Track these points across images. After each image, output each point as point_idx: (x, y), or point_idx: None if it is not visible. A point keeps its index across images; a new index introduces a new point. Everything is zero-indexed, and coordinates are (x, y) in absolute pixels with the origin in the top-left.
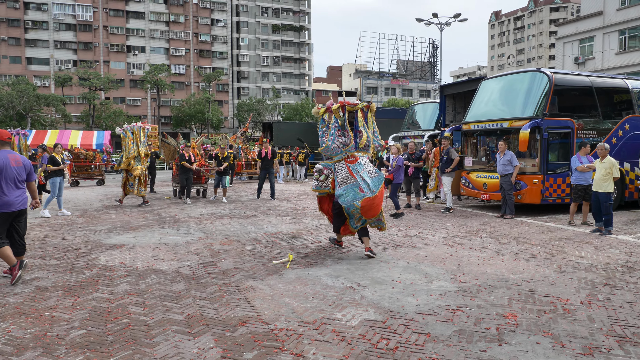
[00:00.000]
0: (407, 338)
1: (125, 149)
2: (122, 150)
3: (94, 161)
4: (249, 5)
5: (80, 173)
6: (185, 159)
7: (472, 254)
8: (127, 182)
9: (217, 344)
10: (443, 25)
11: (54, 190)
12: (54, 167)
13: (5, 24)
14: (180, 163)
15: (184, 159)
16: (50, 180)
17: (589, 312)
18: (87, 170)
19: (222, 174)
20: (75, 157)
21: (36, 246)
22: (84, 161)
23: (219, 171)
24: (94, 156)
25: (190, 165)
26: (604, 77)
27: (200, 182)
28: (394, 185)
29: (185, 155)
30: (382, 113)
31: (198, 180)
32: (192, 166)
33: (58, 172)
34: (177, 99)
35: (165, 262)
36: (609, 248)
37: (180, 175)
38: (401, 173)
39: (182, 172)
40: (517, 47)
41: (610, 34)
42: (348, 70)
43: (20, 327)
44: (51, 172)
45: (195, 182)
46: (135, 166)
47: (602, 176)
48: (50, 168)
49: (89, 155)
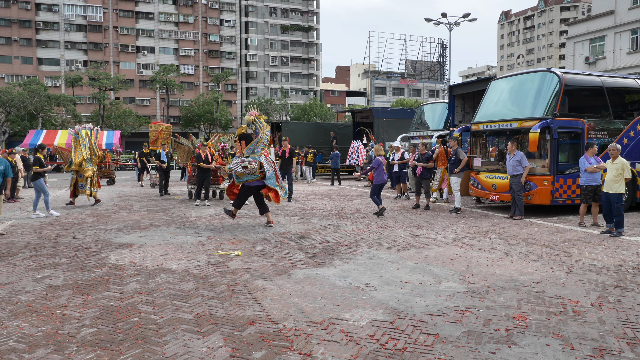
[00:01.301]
0: (415, 339)
1: (77, 150)
2: (71, 152)
3: (104, 161)
4: (258, 6)
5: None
6: (202, 159)
7: (481, 255)
8: (77, 183)
9: (226, 343)
10: (452, 25)
11: (39, 192)
12: (40, 168)
13: (17, 24)
14: (197, 164)
15: (200, 159)
16: (36, 182)
17: (600, 314)
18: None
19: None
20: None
21: (47, 245)
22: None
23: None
24: (104, 155)
25: (208, 165)
26: (615, 77)
27: (217, 183)
28: (375, 186)
29: (201, 155)
30: (391, 113)
31: (215, 181)
32: (211, 165)
33: (42, 173)
34: (186, 99)
35: (174, 262)
36: (620, 250)
37: (197, 177)
38: (382, 174)
39: (199, 173)
40: (527, 47)
41: (622, 34)
42: (356, 71)
43: (32, 324)
44: (35, 173)
45: (212, 182)
46: (86, 167)
47: (614, 177)
48: (36, 169)
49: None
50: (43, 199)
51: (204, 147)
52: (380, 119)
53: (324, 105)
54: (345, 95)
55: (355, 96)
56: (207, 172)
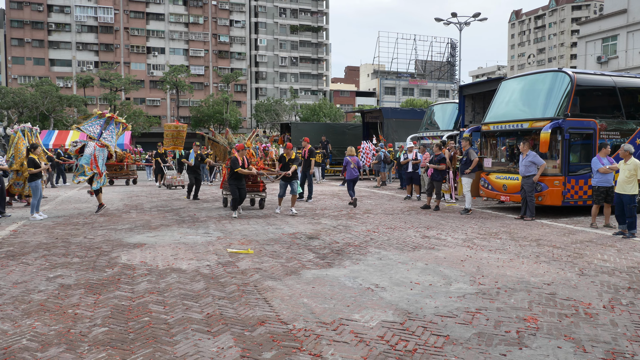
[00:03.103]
0: (425, 340)
1: (16, 149)
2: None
3: (122, 161)
4: (267, 6)
5: (111, 172)
6: (239, 165)
7: (492, 256)
8: (15, 182)
9: (236, 343)
10: (462, 25)
11: (36, 193)
12: (35, 169)
13: (30, 26)
14: (234, 170)
15: (237, 164)
16: (32, 183)
17: (612, 317)
18: (117, 169)
19: (290, 179)
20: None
21: (59, 244)
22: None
23: (287, 176)
24: (123, 156)
25: (247, 171)
26: (628, 77)
27: (258, 190)
28: (348, 181)
29: (238, 160)
30: (400, 113)
31: (254, 187)
32: (252, 170)
33: (38, 174)
34: (196, 100)
35: (184, 262)
36: (633, 251)
37: (230, 183)
38: (350, 171)
39: (233, 179)
40: (538, 47)
41: (635, 33)
42: (366, 71)
43: (44, 323)
44: (31, 174)
45: (251, 189)
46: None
47: (626, 178)
48: (31, 171)
49: (119, 154)
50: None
51: (244, 150)
52: (390, 119)
53: (334, 105)
54: (354, 95)
55: (365, 96)
56: (242, 179)
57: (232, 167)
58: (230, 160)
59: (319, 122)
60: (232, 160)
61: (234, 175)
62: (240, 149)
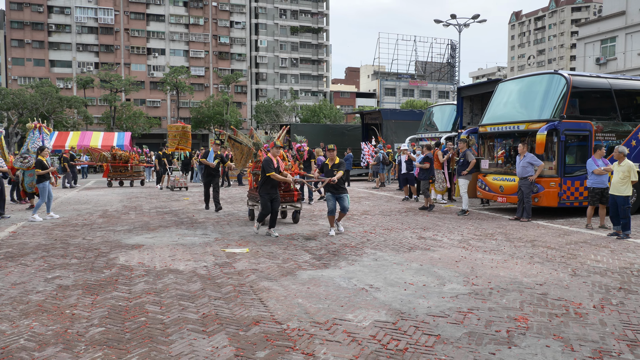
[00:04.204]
0: (417, 339)
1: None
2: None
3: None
4: (268, 8)
5: (117, 174)
6: (274, 168)
7: (486, 257)
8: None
9: (230, 342)
10: (461, 27)
11: (43, 195)
12: (42, 170)
13: (30, 27)
14: (267, 175)
15: (271, 167)
16: (40, 185)
17: (601, 316)
18: (122, 171)
19: (339, 191)
20: (112, 158)
21: (58, 245)
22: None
23: (331, 183)
24: (129, 156)
25: (282, 177)
26: (623, 79)
27: (292, 200)
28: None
29: (272, 161)
30: (399, 115)
31: (287, 197)
32: (287, 177)
33: (47, 176)
34: (196, 101)
35: (182, 263)
36: (626, 252)
37: (261, 192)
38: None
39: (265, 187)
40: (538, 48)
41: (633, 34)
42: (366, 72)
43: (42, 323)
44: (39, 176)
45: (283, 198)
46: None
47: (620, 179)
48: (39, 172)
49: (124, 155)
50: (46, 203)
51: (276, 148)
52: (389, 120)
53: (334, 106)
54: (354, 96)
55: (365, 97)
56: (276, 188)
57: (264, 170)
58: (262, 162)
59: (319, 123)
60: (265, 162)
61: (266, 181)
62: (271, 148)
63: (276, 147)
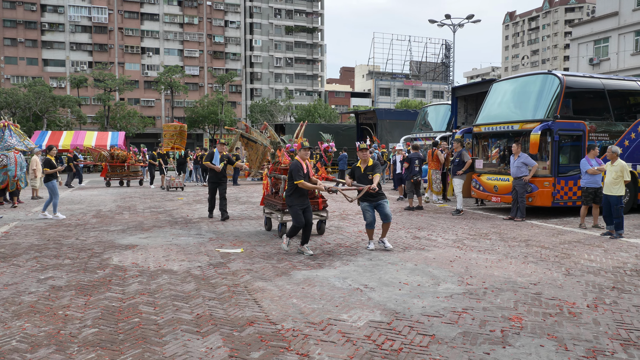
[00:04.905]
0: (411, 339)
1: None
2: None
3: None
4: (262, 7)
5: (115, 173)
6: (303, 174)
7: (481, 257)
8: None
9: (224, 343)
10: (456, 27)
11: (51, 193)
12: (50, 169)
13: (23, 26)
14: (294, 183)
15: (300, 172)
16: (49, 183)
17: (595, 316)
18: (118, 170)
19: (377, 197)
20: (110, 158)
21: (51, 246)
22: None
23: (371, 191)
24: (126, 156)
25: (313, 185)
26: (617, 79)
27: (317, 208)
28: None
29: (301, 166)
30: (394, 114)
31: (313, 205)
32: (319, 184)
33: (54, 175)
34: (190, 100)
35: (176, 263)
36: (619, 251)
37: (290, 202)
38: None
39: (295, 196)
40: (532, 48)
41: (626, 35)
42: (361, 72)
43: (34, 325)
44: (47, 175)
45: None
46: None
47: (613, 179)
48: (47, 171)
49: (121, 155)
50: (52, 201)
51: (305, 150)
52: (384, 120)
53: (328, 106)
54: (349, 96)
55: (360, 97)
56: (307, 197)
57: (291, 177)
58: (290, 167)
59: (314, 122)
60: (293, 168)
61: (295, 190)
62: (299, 148)
63: (305, 149)
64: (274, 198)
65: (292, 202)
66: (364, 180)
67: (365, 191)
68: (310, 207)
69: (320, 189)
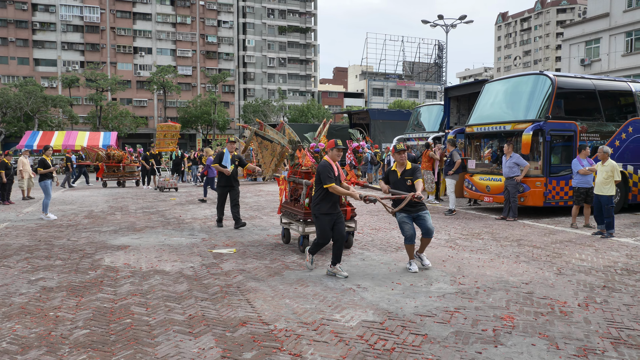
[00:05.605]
0: (404, 339)
1: None
2: None
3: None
4: (256, 7)
5: (111, 174)
6: (334, 177)
7: (473, 256)
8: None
9: (217, 344)
10: (448, 27)
11: (47, 193)
12: (44, 169)
13: (13, 25)
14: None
15: (331, 175)
16: (42, 183)
17: (586, 315)
18: (114, 171)
19: (417, 208)
20: (107, 158)
21: (42, 247)
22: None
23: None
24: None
25: (345, 191)
26: (607, 80)
27: (345, 218)
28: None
29: (332, 167)
30: (387, 115)
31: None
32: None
33: (49, 175)
34: (183, 100)
35: (168, 263)
36: (610, 251)
37: (317, 212)
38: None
39: (323, 203)
40: (524, 49)
41: (617, 36)
42: (354, 72)
43: (25, 326)
44: (41, 175)
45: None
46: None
47: (604, 179)
48: (41, 171)
49: (117, 155)
50: (43, 201)
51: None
52: (377, 120)
53: (322, 106)
54: (342, 96)
55: (353, 97)
56: (337, 206)
57: (319, 180)
58: (319, 168)
59: (307, 123)
60: (322, 169)
61: (325, 196)
62: (330, 147)
63: (338, 149)
64: (294, 206)
65: (320, 210)
66: (400, 187)
67: (408, 200)
68: (342, 216)
69: (354, 197)
